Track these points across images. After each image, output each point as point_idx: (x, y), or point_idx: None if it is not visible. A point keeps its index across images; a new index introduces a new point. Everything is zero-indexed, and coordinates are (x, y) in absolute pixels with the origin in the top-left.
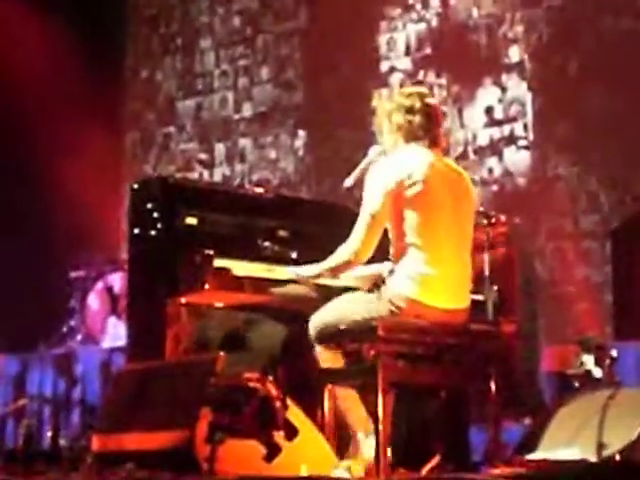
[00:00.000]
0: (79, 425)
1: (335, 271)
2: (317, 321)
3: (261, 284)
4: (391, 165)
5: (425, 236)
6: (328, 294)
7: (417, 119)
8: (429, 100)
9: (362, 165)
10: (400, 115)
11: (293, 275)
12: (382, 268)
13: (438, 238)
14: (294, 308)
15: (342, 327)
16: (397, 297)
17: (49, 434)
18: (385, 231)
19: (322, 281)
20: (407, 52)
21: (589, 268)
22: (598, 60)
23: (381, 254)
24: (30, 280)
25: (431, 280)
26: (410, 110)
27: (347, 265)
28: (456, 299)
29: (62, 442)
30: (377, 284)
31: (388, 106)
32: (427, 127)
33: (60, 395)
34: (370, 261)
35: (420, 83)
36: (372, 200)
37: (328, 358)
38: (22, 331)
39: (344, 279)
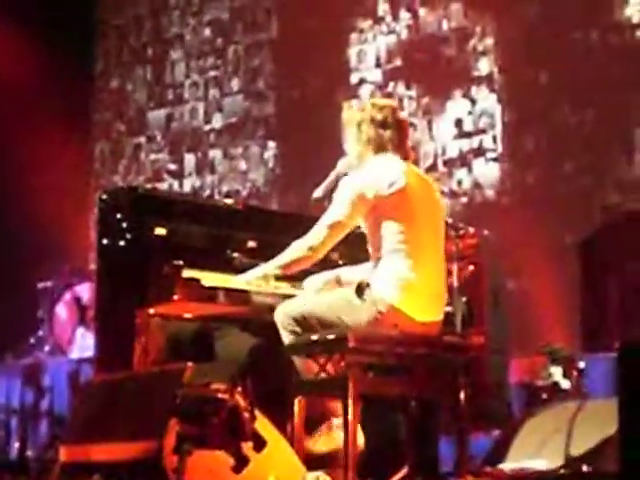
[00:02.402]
0: (47, 436)
1: (289, 267)
2: (289, 309)
3: (230, 294)
4: (369, 173)
5: (408, 242)
6: None
7: (388, 133)
8: (399, 115)
9: (331, 177)
10: (372, 128)
11: (247, 278)
12: (343, 272)
13: (420, 245)
14: (262, 318)
15: (314, 337)
16: (380, 302)
17: (16, 445)
18: (364, 236)
19: (287, 291)
20: (377, 64)
21: (558, 280)
22: (568, 73)
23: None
24: None
25: (414, 287)
26: (382, 124)
27: (303, 260)
28: (432, 311)
29: (29, 453)
30: (361, 287)
31: (359, 116)
32: (397, 141)
33: (28, 406)
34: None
35: (390, 95)
36: (342, 205)
37: (301, 367)
38: None
39: (310, 283)
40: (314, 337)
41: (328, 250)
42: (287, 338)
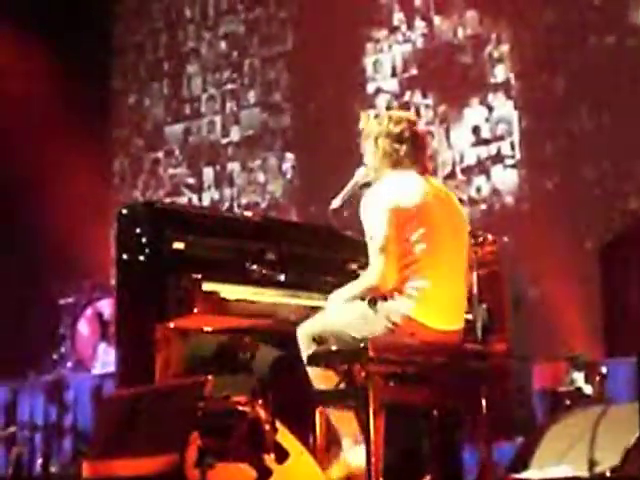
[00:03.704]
0: (70, 452)
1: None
2: (308, 329)
3: (249, 307)
4: (387, 190)
5: (424, 256)
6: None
7: (404, 148)
8: (417, 128)
9: (349, 187)
10: (387, 141)
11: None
12: None
13: (437, 258)
14: (281, 330)
15: (333, 347)
16: (394, 313)
17: (40, 461)
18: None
19: (306, 302)
20: (393, 73)
21: (579, 285)
22: (584, 78)
23: None
24: (19, 308)
25: (429, 298)
26: (398, 138)
27: (376, 290)
28: (451, 320)
29: (53, 469)
30: (374, 298)
31: (376, 129)
32: (414, 156)
33: (51, 422)
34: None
35: (407, 104)
36: (380, 225)
37: (320, 378)
38: (12, 359)
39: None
40: (334, 347)
41: (396, 270)
42: (305, 356)
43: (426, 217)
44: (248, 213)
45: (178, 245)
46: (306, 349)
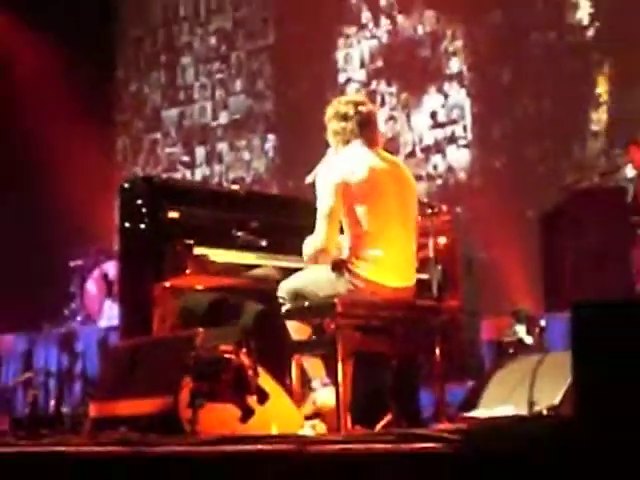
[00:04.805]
0: (80, 395)
1: (313, 261)
2: (287, 286)
3: (235, 268)
4: (334, 165)
5: (374, 224)
6: (290, 275)
7: (350, 125)
8: (362, 107)
9: (320, 164)
10: (336, 122)
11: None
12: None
13: (386, 224)
14: (263, 288)
15: (307, 304)
16: (355, 277)
17: (53, 403)
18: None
19: (284, 264)
20: (362, 65)
21: (522, 250)
22: (527, 70)
23: None
24: (36, 269)
25: (382, 261)
26: (344, 117)
27: (320, 256)
28: (404, 278)
29: (64, 409)
30: (337, 264)
31: (329, 113)
32: (359, 131)
33: (63, 369)
34: None
35: (373, 92)
36: (326, 196)
37: (296, 330)
38: (29, 313)
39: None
40: (307, 304)
41: (336, 236)
42: (285, 308)
43: (374, 189)
44: (235, 187)
45: (173, 215)
46: (284, 301)
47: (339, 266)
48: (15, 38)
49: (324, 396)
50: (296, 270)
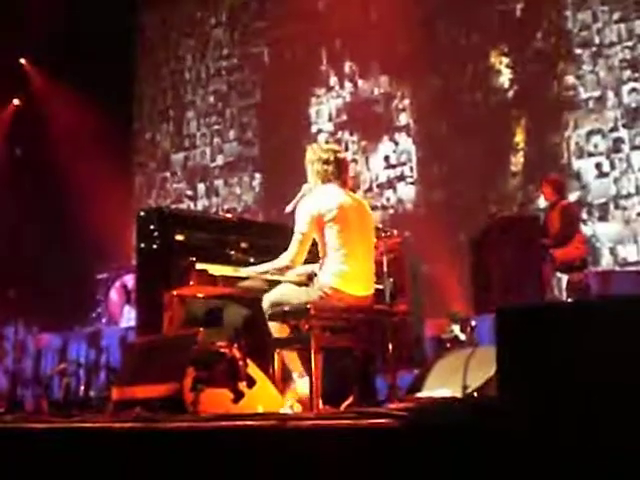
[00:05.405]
0: (104, 381)
1: (279, 271)
2: (269, 298)
3: (229, 280)
4: (314, 199)
5: (342, 245)
6: (275, 286)
7: (330, 168)
8: (339, 155)
9: (297, 197)
10: (319, 164)
11: (250, 272)
12: (314, 268)
13: (351, 246)
14: (252, 296)
15: (286, 309)
16: (325, 286)
17: (82, 388)
18: (314, 243)
19: (271, 277)
20: (330, 118)
21: (456, 265)
22: (460, 122)
23: (312, 258)
24: (70, 281)
25: (348, 274)
26: (326, 161)
27: (287, 268)
28: (364, 288)
29: (92, 394)
30: (311, 278)
31: (312, 156)
32: (337, 174)
33: (90, 361)
34: (305, 263)
35: (339, 140)
36: (301, 224)
37: (277, 329)
38: (64, 317)
39: (289, 276)
40: (286, 308)
41: (305, 255)
42: (267, 315)
43: (342, 218)
44: (228, 215)
45: (179, 237)
46: (267, 310)
47: (312, 278)
48: (51, 95)
49: (302, 386)
50: (278, 282)
